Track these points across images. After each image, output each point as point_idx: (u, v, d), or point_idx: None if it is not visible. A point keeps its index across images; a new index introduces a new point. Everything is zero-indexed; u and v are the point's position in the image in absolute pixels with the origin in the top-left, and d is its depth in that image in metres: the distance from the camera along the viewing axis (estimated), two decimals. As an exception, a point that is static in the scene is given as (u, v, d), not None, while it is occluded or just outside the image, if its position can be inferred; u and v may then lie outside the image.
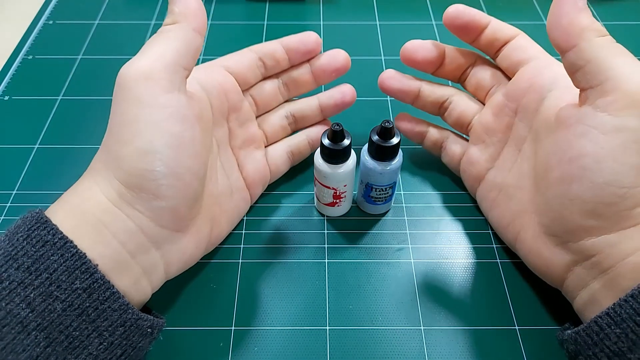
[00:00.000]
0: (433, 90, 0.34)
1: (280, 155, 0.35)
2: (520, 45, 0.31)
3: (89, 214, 0.23)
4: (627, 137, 0.23)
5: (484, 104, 0.33)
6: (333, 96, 0.35)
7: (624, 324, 0.22)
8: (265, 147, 0.35)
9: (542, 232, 0.27)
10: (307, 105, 0.35)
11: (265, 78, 0.34)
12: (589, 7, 0.25)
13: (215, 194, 0.30)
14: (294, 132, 0.36)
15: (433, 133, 0.36)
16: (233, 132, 0.32)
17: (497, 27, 0.31)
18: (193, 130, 0.25)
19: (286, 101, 0.36)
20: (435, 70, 0.34)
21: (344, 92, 0.35)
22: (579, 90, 0.25)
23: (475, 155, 0.33)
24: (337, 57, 0.34)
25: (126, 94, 0.24)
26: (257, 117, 0.34)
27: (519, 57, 0.30)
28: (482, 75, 0.33)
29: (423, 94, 0.34)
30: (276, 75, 0.34)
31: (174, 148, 0.24)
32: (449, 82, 0.36)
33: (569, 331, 0.25)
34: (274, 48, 0.33)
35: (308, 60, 0.34)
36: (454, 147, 0.35)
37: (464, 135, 0.35)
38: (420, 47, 0.33)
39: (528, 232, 0.29)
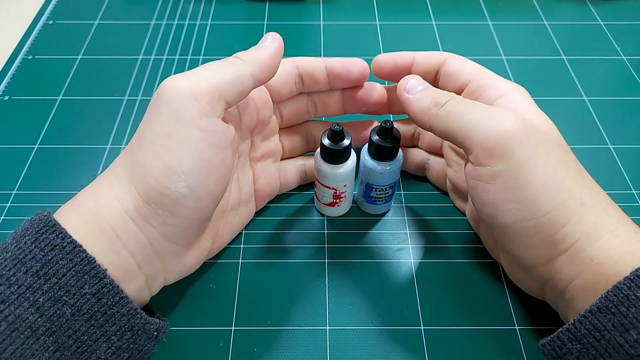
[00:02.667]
0: (399, 127, 0.35)
1: (292, 172, 0.35)
2: (452, 71, 0.30)
3: (103, 221, 0.23)
4: (506, 178, 0.24)
5: None
6: (356, 127, 0.35)
7: (584, 339, 0.22)
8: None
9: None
10: None
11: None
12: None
13: (224, 209, 0.30)
14: (310, 150, 0.36)
15: (415, 155, 0.36)
16: (255, 145, 0.32)
17: (421, 61, 0.31)
18: (224, 156, 0.25)
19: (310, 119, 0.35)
20: (388, 111, 0.35)
21: (370, 126, 0.35)
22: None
23: (452, 177, 0.34)
24: (373, 93, 0.32)
25: (168, 106, 0.24)
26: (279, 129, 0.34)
27: (455, 84, 0.30)
28: None
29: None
30: (308, 92, 0.33)
31: (201, 172, 0.24)
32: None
33: (540, 341, 0.25)
34: (317, 68, 0.31)
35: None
36: (436, 168, 0.35)
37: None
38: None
39: (504, 257, 0.30)
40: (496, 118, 0.25)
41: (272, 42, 0.27)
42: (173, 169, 0.23)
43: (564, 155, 0.25)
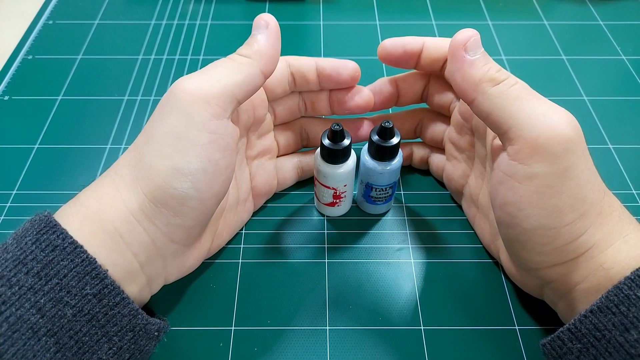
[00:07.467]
0: (403, 121, 0.35)
1: (289, 169, 0.35)
2: None
3: (107, 223, 0.23)
4: (539, 183, 0.23)
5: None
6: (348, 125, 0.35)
7: (585, 339, 0.22)
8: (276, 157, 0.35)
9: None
10: (322, 126, 0.35)
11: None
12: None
13: (223, 208, 0.30)
14: (304, 146, 0.36)
15: (417, 151, 0.36)
16: (251, 143, 0.32)
17: (431, 47, 0.30)
18: (230, 159, 0.25)
19: (302, 116, 0.35)
20: (395, 103, 0.34)
21: (362, 126, 0.35)
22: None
23: (450, 171, 0.34)
24: (356, 98, 0.32)
25: (179, 108, 0.24)
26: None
27: None
28: (439, 94, 0.33)
29: (395, 125, 0.34)
30: (300, 91, 0.33)
31: (207, 173, 0.24)
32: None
33: (541, 341, 0.25)
34: (308, 68, 0.31)
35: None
36: (436, 162, 0.35)
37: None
38: (373, 90, 0.33)
39: (504, 254, 0.30)
40: (553, 117, 0.23)
41: (267, 27, 0.27)
42: (181, 170, 0.23)
43: (592, 164, 0.24)
